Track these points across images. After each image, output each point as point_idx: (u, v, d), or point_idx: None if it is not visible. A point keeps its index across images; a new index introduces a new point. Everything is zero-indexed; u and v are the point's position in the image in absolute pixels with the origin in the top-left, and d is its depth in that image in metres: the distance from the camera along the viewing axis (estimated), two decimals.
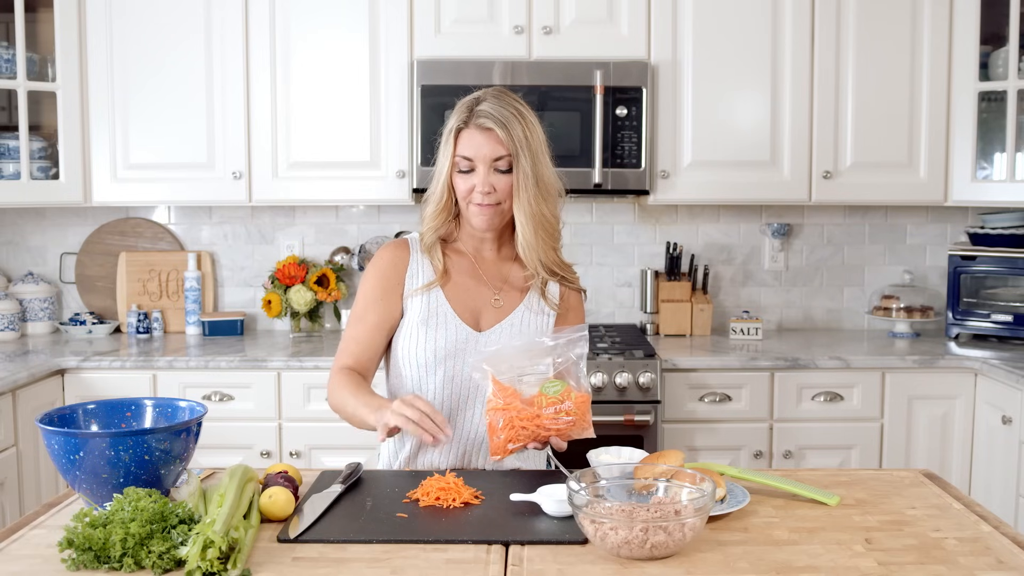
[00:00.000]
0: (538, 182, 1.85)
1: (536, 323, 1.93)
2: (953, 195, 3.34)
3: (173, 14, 3.28)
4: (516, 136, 1.82)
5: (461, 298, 1.92)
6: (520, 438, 1.71)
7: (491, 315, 1.93)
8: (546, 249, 1.91)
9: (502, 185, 1.85)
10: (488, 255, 1.97)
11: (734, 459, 3.12)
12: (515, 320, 1.92)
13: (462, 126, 1.85)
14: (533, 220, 1.86)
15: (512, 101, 1.86)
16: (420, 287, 1.91)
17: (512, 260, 1.98)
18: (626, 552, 1.37)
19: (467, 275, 1.95)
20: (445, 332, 1.89)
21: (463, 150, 1.85)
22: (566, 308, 1.98)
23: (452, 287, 1.93)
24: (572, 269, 2.00)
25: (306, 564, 1.39)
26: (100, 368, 3.09)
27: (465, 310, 1.92)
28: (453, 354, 1.89)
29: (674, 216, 3.71)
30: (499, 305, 1.93)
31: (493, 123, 1.82)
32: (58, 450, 1.50)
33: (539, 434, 1.71)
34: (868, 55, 3.29)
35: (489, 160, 1.83)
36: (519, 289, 1.96)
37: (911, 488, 1.74)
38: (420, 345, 1.90)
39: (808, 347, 3.30)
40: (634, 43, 3.27)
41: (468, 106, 1.86)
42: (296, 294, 3.51)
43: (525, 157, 1.83)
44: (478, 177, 1.84)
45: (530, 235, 1.87)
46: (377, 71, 3.29)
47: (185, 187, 3.34)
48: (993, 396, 3.02)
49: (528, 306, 1.94)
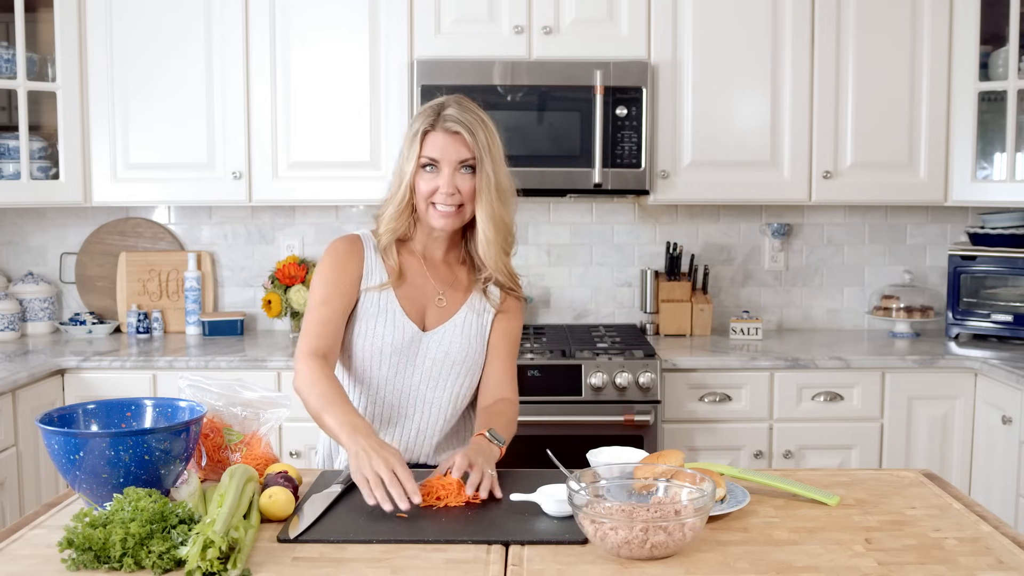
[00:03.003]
0: (498, 186, 1.92)
1: (477, 323, 2.01)
2: (953, 195, 3.34)
3: (173, 14, 3.28)
4: (480, 141, 1.89)
5: (411, 297, 1.98)
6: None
7: (435, 315, 2.00)
8: (501, 252, 1.98)
9: (465, 187, 1.91)
10: (436, 256, 2.03)
11: (734, 459, 3.12)
12: (458, 320, 1.99)
13: (429, 129, 1.91)
14: (493, 221, 1.93)
15: (474, 108, 1.94)
16: (375, 286, 1.97)
17: (459, 263, 2.05)
18: (626, 552, 1.37)
19: (416, 275, 2.01)
20: (393, 330, 1.95)
21: (429, 151, 1.90)
22: (505, 308, 2.05)
23: (403, 286, 1.99)
24: (518, 281, 2.07)
25: (306, 564, 1.39)
26: (100, 368, 3.09)
27: (413, 309, 1.98)
28: (399, 351, 1.96)
29: (674, 216, 3.71)
30: (443, 305, 2.00)
31: (460, 127, 1.89)
32: (58, 450, 1.50)
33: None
34: (868, 55, 3.29)
35: (455, 162, 1.90)
36: (463, 290, 2.03)
37: (911, 488, 1.74)
38: (369, 339, 1.96)
39: (808, 347, 3.30)
40: (634, 43, 3.27)
41: (434, 110, 1.92)
42: (296, 294, 3.51)
43: (488, 161, 1.90)
44: (443, 179, 1.90)
45: (491, 235, 1.94)
46: (377, 71, 3.29)
47: (185, 187, 3.34)
48: (993, 396, 3.02)
49: (471, 307, 2.02)
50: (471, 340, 1.99)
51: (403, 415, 1.99)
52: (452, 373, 1.98)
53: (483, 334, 2.01)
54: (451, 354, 1.97)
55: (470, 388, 2.03)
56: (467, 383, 2.01)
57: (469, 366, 2.00)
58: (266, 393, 1.83)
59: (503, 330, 2.04)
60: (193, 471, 1.63)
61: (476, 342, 2.00)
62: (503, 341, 2.03)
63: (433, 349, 1.97)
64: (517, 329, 2.07)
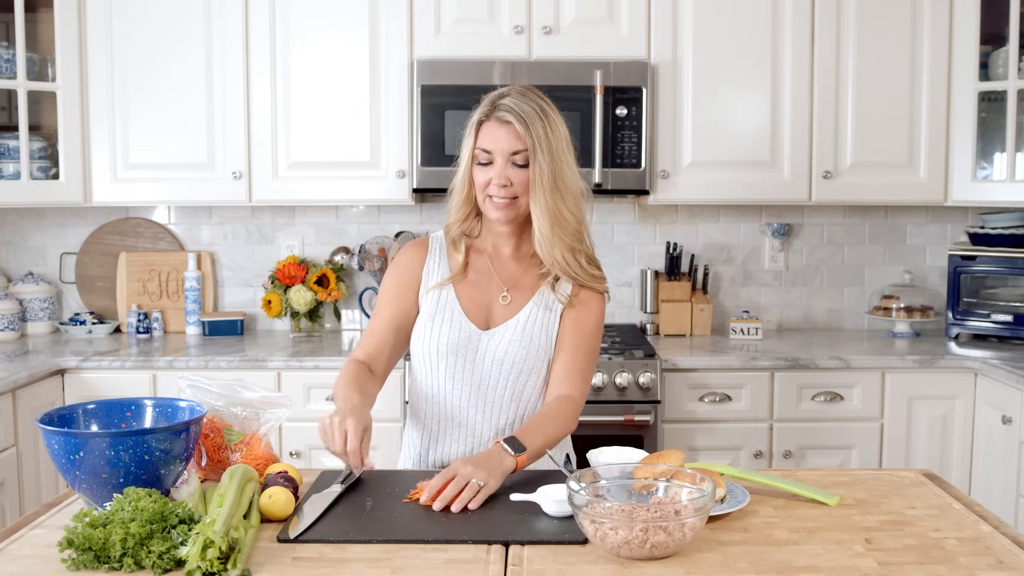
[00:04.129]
0: (556, 179, 1.84)
1: (543, 320, 1.93)
2: (953, 195, 3.34)
3: (173, 14, 3.28)
4: (535, 132, 1.83)
5: (472, 295, 1.94)
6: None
7: (499, 313, 1.95)
8: (563, 248, 1.89)
9: (518, 179, 1.85)
10: (505, 252, 1.98)
11: (734, 459, 3.12)
12: (522, 318, 1.93)
13: (484, 119, 1.88)
14: (549, 215, 1.85)
15: (536, 98, 1.88)
16: (434, 284, 1.95)
17: (530, 258, 1.98)
18: (626, 552, 1.37)
19: (481, 273, 1.97)
20: (450, 329, 1.91)
21: (483, 142, 1.87)
22: (577, 301, 1.94)
23: (465, 285, 1.95)
24: (594, 274, 1.96)
25: (306, 564, 1.39)
26: (100, 368, 3.09)
27: (474, 307, 1.94)
28: (455, 351, 1.91)
29: (674, 216, 3.71)
30: (507, 303, 1.94)
31: (512, 117, 1.83)
32: (58, 450, 1.50)
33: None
34: (868, 55, 3.29)
35: (507, 153, 1.85)
36: (531, 287, 1.96)
37: (911, 488, 1.74)
38: (425, 340, 1.93)
39: (808, 347, 3.30)
40: (634, 43, 3.27)
41: (492, 100, 1.88)
42: (296, 294, 3.51)
43: (543, 153, 1.83)
44: (495, 170, 1.86)
45: (546, 230, 1.87)
46: (377, 71, 3.29)
47: (185, 187, 3.34)
48: (993, 396, 3.02)
49: (538, 303, 1.94)
50: (533, 338, 1.91)
51: (465, 417, 1.93)
52: (513, 372, 1.90)
53: (548, 331, 1.92)
54: (511, 353, 1.90)
55: (535, 388, 1.93)
56: (530, 383, 1.92)
57: (532, 364, 1.91)
58: (266, 393, 1.83)
59: (571, 320, 1.93)
60: (193, 471, 1.63)
61: (540, 339, 1.91)
62: (570, 333, 1.92)
63: (493, 348, 1.91)
64: (589, 321, 1.94)
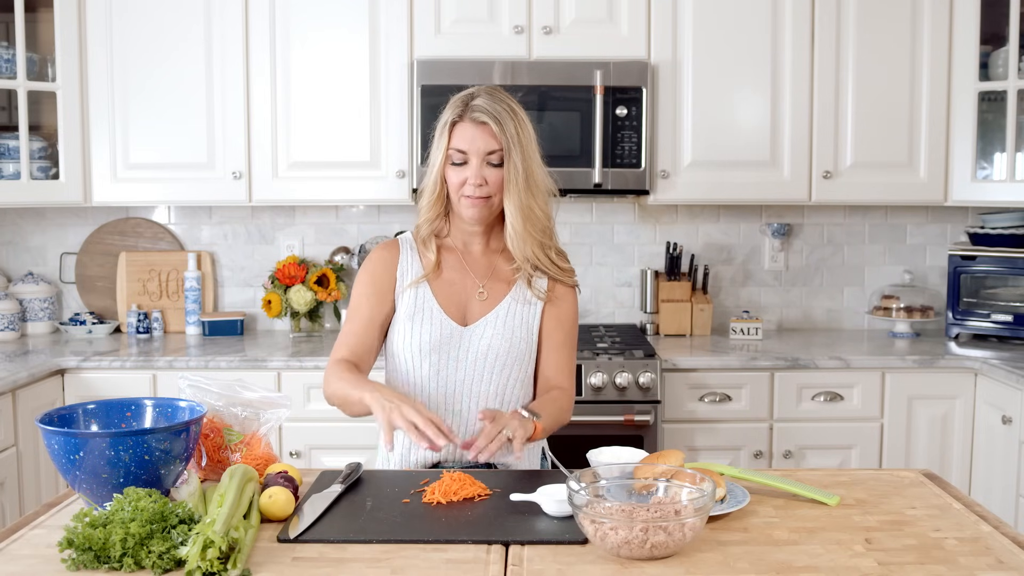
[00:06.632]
0: (528, 178, 1.89)
1: (523, 313, 1.97)
2: (953, 195, 3.34)
3: (173, 14, 3.28)
4: (508, 131, 1.86)
5: (448, 293, 1.97)
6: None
7: (477, 308, 1.97)
8: (534, 244, 1.94)
9: (493, 178, 1.89)
10: (476, 249, 2.01)
11: (734, 459, 3.12)
12: (501, 312, 1.96)
13: (457, 119, 1.89)
14: (522, 212, 1.90)
15: (505, 98, 1.91)
16: (409, 283, 1.96)
17: (499, 253, 2.01)
18: (626, 552, 1.37)
19: (455, 270, 1.99)
20: (430, 327, 1.94)
21: (457, 143, 1.89)
22: (554, 296, 2.00)
23: (440, 282, 1.97)
24: (568, 271, 2.02)
25: (306, 564, 1.39)
26: (100, 368, 3.09)
27: (451, 304, 1.96)
28: (438, 348, 1.94)
29: (674, 216, 3.71)
30: (484, 298, 1.97)
31: (487, 117, 1.86)
32: (58, 450, 1.50)
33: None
34: (868, 55, 3.29)
35: (482, 153, 1.87)
36: (506, 281, 1.99)
37: (911, 488, 1.74)
38: (406, 340, 1.95)
39: (808, 347, 3.30)
40: (634, 43, 3.27)
41: (463, 101, 1.90)
42: (296, 294, 3.51)
43: (516, 152, 1.87)
44: (471, 169, 1.88)
45: (519, 227, 1.91)
46: (377, 71, 3.29)
47: (185, 187, 3.34)
48: (993, 396, 3.02)
49: (515, 297, 1.98)
50: (514, 331, 1.95)
51: (450, 412, 1.95)
52: (497, 365, 1.94)
53: (529, 324, 1.97)
54: (494, 347, 1.93)
55: (518, 380, 1.97)
56: (514, 375, 1.96)
57: (515, 357, 1.95)
58: (266, 393, 1.83)
59: (554, 318, 1.99)
60: (193, 471, 1.63)
61: (521, 332, 1.96)
62: (556, 331, 1.99)
63: (475, 343, 1.94)
64: (569, 318, 2.01)
